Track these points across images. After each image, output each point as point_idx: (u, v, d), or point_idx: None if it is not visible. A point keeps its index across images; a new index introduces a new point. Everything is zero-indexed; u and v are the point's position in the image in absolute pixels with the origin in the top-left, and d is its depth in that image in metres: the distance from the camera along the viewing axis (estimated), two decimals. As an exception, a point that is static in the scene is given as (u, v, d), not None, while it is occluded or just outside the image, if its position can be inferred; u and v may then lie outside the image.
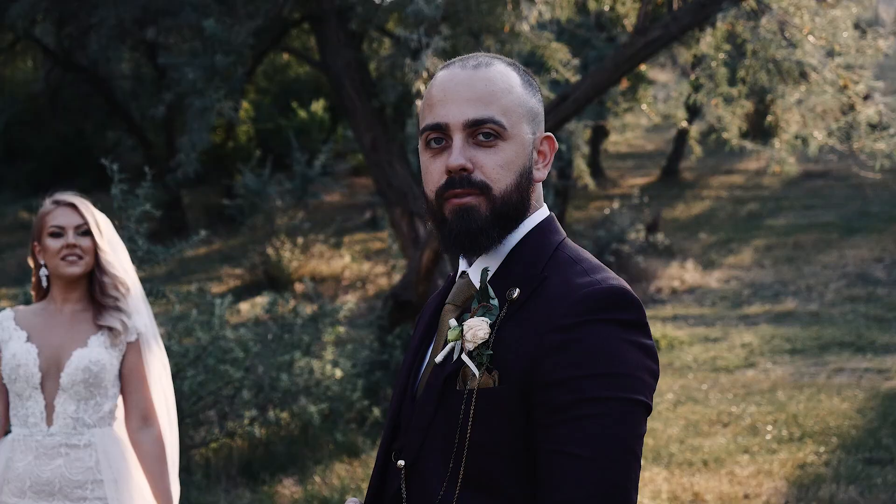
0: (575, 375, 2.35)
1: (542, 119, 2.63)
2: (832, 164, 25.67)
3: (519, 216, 2.57)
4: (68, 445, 4.77)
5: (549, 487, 2.37)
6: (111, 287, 4.88)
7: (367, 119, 11.36)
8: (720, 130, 11.03)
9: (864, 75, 9.96)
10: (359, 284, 19.65)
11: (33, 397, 4.79)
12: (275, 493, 9.01)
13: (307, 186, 21.49)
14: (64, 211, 4.88)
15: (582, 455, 2.33)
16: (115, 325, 4.84)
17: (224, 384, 9.61)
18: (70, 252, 4.81)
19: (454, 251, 2.59)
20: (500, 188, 2.53)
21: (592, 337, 2.37)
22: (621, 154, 32.04)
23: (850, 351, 13.88)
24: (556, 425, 2.36)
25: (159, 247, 9.56)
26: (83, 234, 4.86)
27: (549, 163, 2.64)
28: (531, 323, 2.43)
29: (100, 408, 4.83)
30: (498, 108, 2.53)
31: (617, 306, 2.42)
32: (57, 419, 4.78)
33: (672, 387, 12.44)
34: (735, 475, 9.10)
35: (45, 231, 4.87)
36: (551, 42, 10.62)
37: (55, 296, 4.93)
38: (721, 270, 19.75)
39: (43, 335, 4.85)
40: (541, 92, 2.68)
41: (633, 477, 2.37)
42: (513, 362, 2.42)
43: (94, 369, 4.78)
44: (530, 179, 2.58)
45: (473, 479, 2.45)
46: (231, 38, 10.75)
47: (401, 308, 11.35)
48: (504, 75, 2.58)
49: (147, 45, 21.74)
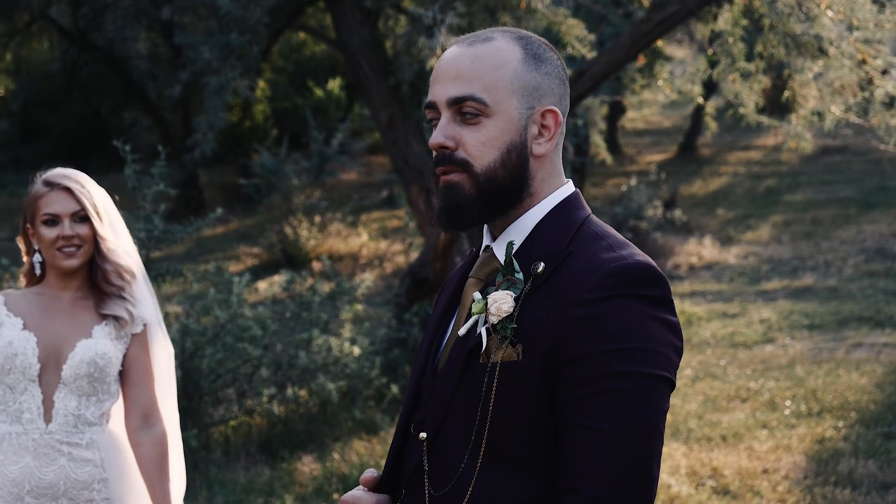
0: (600, 350, 2.35)
1: (547, 92, 2.58)
2: (850, 139, 25.59)
3: (512, 193, 2.56)
4: (69, 444, 4.38)
5: (572, 461, 2.37)
6: (114, 275, 4.49)
7: (384, 97, 11.34)
8: (737, 106, 10.99)
9: (883, 50, 9.90)
10: (376, 262, 19.67)
11: (29, 391, 4.38)
12: (294, 471, 9.05)
13: (324, 165, 21.48)
14: (58, 196, 4.42)
15: (606, 429, 2.33)
16: (122, 315, 4.46)
17: (242, 362, 9.65)
18: (67, 243, 4.40)
19: (440, 227, 2.62)
20: (481, 165, 2.53)
21: (618, 312, 2.37)
22: (638, 131, 31.97)
23: (869, 326, 13.85)
24: (580, 399, 2.36)
25: (176, 226, 9.59)
26: (80, 220, 4.43)
27: (555, 137, 2.59)
28: (556, 297, 2.42)
29: (101, 405, 4.46)
30: (480, 85, 2.53)
31: (643, 282, 2.41)
32: (56, 416, 4.38)
33: (691, 362, 12.44)
34: (753, 450, 9.10)
35: (38, 217, 4.43)
36: (567, 18, 10.57)
37: (51, 282, 4.53)
38: (739, 246, 19.70)
39: (41, 323, 4.44)
40: (560, 64, 2.64)
41: (656, 452, 2.38)
42: (537, 336, 2.41)
43: (100, 363, 4.40)
44: (524, 155, 2.56)
45: (495, 452, 2.45)
46: (246, 16, 10.74)
47: (418, 285, 11.36)
48: (498, 51, 2.56)
49: (162, 25, 21.79)
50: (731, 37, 10.34)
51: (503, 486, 2.46)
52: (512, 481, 2.45)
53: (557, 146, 2.63)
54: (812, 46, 9.73)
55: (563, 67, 2.64)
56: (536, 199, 2.59)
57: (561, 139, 2.63)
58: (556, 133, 2.59)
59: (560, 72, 2.62)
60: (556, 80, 2.60)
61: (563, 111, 2.62)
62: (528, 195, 2.58)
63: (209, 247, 21.22)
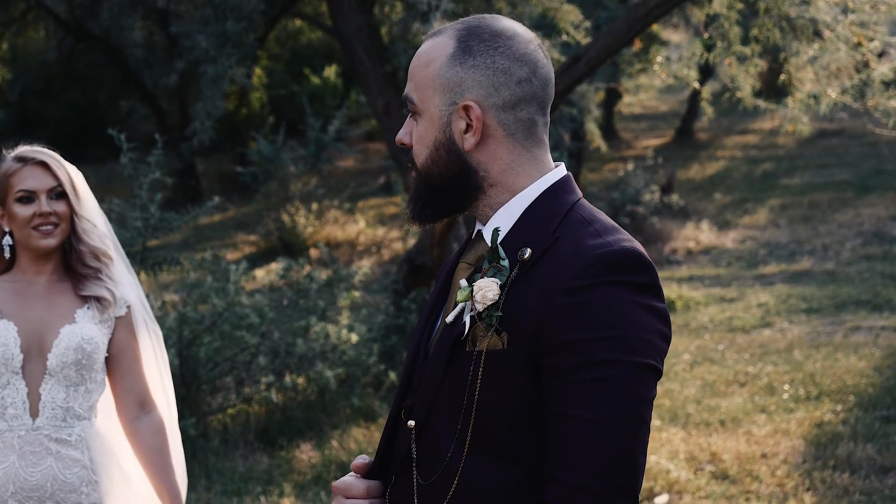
0: (584, 338, 2.33)
1: (471, 86, 2.51)
2: (847, 122, 25.55)
3: (458, 188, 2.57)
4: (58, 441, 4.09)
5: (556, 450, 2.36)
6: (90, 256, 4.21)
7: (380, 84, 11.32)
8: (734, 90, 10.98)
9: (879, 32, 9.88)
10: (374, 249, 19.67)
11: (12, 384, 4.09)
12: (292, 458, 9.05)
13: (321, 152, 21.49)
14: (33, 171, 4.15)
15: (589, 418, 2.32)
16: (104, 295, 4.19)
17: (240, 350, 9.65)
18: (44, 221, 4.12)
19: (407, 220, 2.69)
20: (420, 162, 2.60)
21: (602, 299, 2.35)
22: (635, 115, 31.96)
23: (867, 309, 13.85)
24: (563, 388, 2.35)
25: (173, 214, 9.59)
26: (57, 197, 4.16)
27: (479, 130, 2.51)
28: (541, 284, 2.40)
29: (89, 395, 4.18)
30: (413, 85, 2.58)
31: (628, 268, 2.39)
32: (43, 410, 4.10)
33: (689, 347, 12.44)
34: (752, 434, 9.11)
35: (10, 195, 4.13)
36: (562, 4, 10.55)
37: (23, 267, 4.22)
38: (736, 230, 19.70)
39: (19, 311, 4.14)
40: (507, 53, 2.53)
41: (640, 441, 2.36)
42: (522, 324, 2.40)
43: (87, 348, 4.11)
44: (454, 151, 2.55)
45: (481, 440, 2.45)
46: (242, 4, 10.74)
47: (416, 272, 11.36)
48: (432, 48, 2.56)
49: (159, 13, 21.79)
50: (727, 20, 10.32)
51: (490, 475, 2.45)
52: (499, 469, 2.45)
53: (531, 134, 2.56)
54: (807, 29, 9.72)
55: (509, 56, 2.52)
56: (511, 187, 2.56)
57: (506, 129, 2.54)
58: (478, 126, 2.52)
59: (499, 62, 2.51)
60: (487, 71, 2.51)
61: (498, 103, 2.52)
62: (489, 186, 2.56)
63: (206, 235, 21.21)
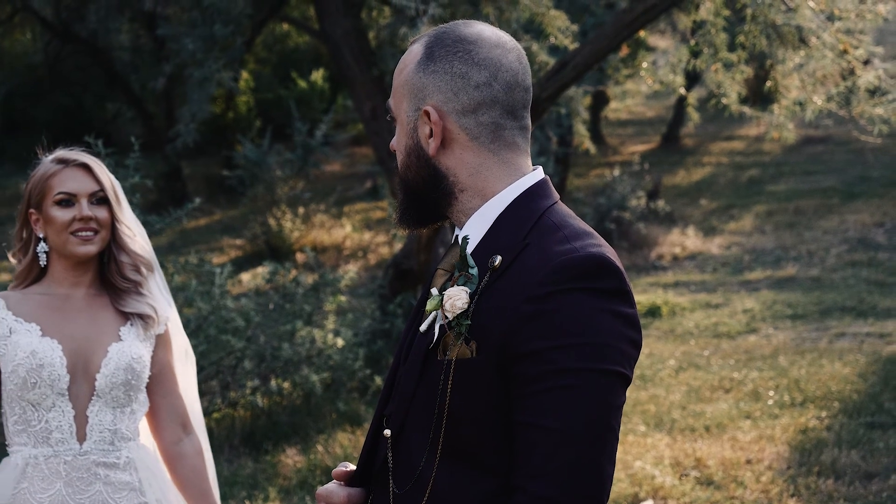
0: (548, 346, 2.32)
1: (432, 91, 2.51)
2: (832, 129, 25.62)
3: (429, 193, 2.57)
4: (106, 465, 3.88)
5: (522, 460, 2.35)
6: (130, 269, 3.98)
7: (367, 88, 11.33)
8: (720, 96, 11.00)
9: (864, 40, 9.91)
10: (360, 254, 19.66)
11: (58, 406, 3.83)
12: (278, 463, 9.04)
13: (308, 156, 21.46)
14: (74, 173, 3.94)
15: (554, 427, 2.30)
16: (147, 312, 3.98)
17: (226, 354, 9.63)
18: (84, 226, 3.88)
19: (396, 225, 2.70)
20: (399, 167, 2.62)
21: (567, 306, 2.33)
22: (622, 121, 31.97)
23: (852, 316, 13.89)
24: (528, 397, 2.34)
25: (155, 217, 9.57)
26: (98, 202, 3.93)
27: (438, 134, 2.51)
28: (509, 292, 2.39)
29: (134, 417, 3.97)
30: (392, 93, 2.61)
31: (594, 274, 2.36)
32: (91, 433, 3.87)
33: (674, 353, 12.46)
34: (737, 440, 9.12)
35: (48, 198, 3.92)
36: (550, 9, 10.55)
37: (58, 278, 3.97)
38: (722, 236, 19.73)
39: (61, 328, 3.89)
40: (468, 59, 2.51)
41: (607, 450, 2.34)
42: (491, 332, 2.38)
43: (136, 368, 3.91)
44: (422, 157, 2.55)
45: (453, 449, 2.44)
46: (230, 7, 10.74)
47: (402, 277, 11.36)
48: (406, 55, 2.59)
49: (146, 16, 21.75)
50: (714, 27, 10.34)
51: (462, 484, 2.44)
52: (472, 479, 2.44)
53: (497, 137, 2.53)
54: (793, 37, 9.74)
55: (467, 61, 2.50)
56: (481, 192, 2.54)
57: (476, 133, 2.52)
58: (438, 132, 2.51)
59: (456, 67, 2.50)
60: (445, 76, 2.50)
61: (458, 107, 2.50)
62: (459, 191, 2.55)
63: (192, 238, 21.18)
